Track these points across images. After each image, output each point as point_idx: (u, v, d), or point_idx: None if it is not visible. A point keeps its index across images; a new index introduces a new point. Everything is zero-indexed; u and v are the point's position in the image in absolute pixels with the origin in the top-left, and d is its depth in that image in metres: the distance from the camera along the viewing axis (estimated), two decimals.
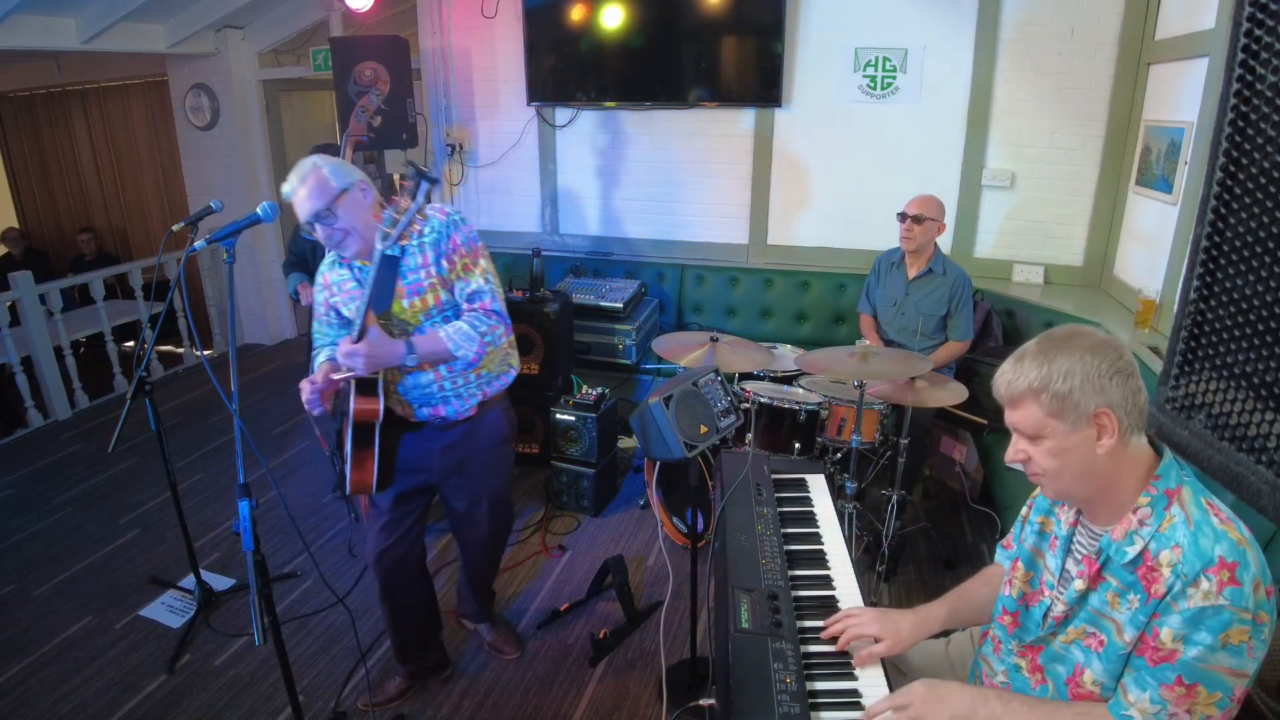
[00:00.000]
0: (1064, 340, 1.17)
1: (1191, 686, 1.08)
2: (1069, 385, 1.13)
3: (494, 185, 4.83)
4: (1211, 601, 1.06)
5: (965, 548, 3.13)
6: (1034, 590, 1.36)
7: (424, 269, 1.95)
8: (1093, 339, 1.16)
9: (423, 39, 4.66)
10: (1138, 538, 1.16)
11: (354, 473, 1.97)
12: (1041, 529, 1.39)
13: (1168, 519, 1.14)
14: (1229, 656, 1.06)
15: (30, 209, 7.64)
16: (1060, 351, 1.15)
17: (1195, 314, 0.49)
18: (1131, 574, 1.16)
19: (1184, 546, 1.10)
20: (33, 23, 4.24)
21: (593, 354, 4.02)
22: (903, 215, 3.24)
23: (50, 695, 2.44)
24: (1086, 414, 1.14)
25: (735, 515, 1.83)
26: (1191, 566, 1.08)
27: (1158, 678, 1.11)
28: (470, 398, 2.11)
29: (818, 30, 3.99)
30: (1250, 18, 0.41)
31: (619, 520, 3.40)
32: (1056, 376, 1.14)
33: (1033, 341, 1.21)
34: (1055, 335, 1.20)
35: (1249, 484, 0.45)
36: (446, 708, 2.36)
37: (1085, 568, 1.24)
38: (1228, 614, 1.05)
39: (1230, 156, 0.44)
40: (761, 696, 1.29)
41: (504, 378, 2.21)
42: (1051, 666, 1.29)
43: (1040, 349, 1.18)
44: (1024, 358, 1.19)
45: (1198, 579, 1.07)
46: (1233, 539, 1.09)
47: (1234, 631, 1.06)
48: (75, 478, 3.88)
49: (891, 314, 3.41)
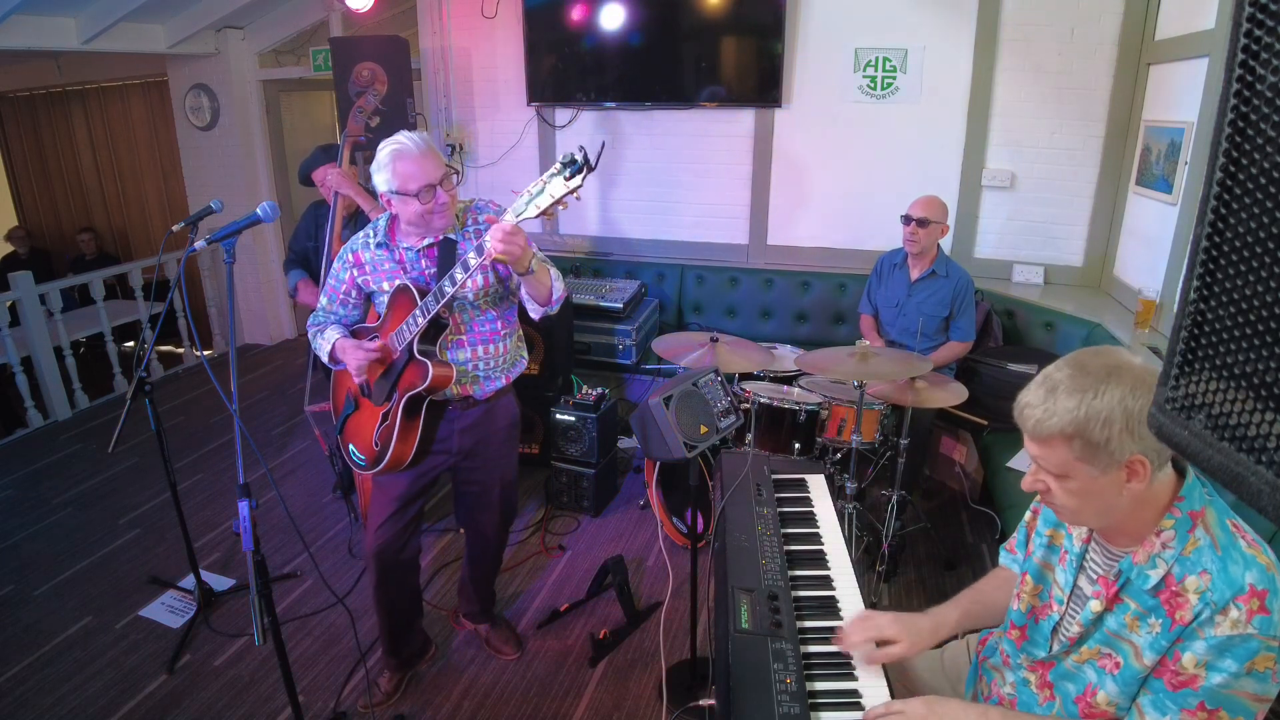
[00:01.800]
0: (1104, 376, 1.05)
1: (1214, 712, 1.05)
2: (1107, 435, 1.03)
3: (494, 185, 4.83)
4: (1240, 630, 1.02)
5: (965, 548, 3.13)
6: (1043, 604, 1.32)
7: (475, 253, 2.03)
8: (1135, 375, 1.05)
9: (423, 39, 4.66)
10: (1160, 561, 1.11)
11: (397, 445, 2.05)
12: (1050, 542, 1.35)
13: (1192, 542, 1.09)
14: (1254, 683, 1.03)
15: (30, 209, 7.64)
16: (1098, 391, 1.04)
17: (1195, 314, 0.49)
18: (1154, 598, 1.11)
19: (1212, 574, 1.05)
20: (33, 23, 4.24)
21: (593, 354, 4.02)
22: (907, 218, 3.24)
23: (50, 695, 2.44)
24: (1120, 461, 1.05)
25: (735, 515, 1.83)
26: (1221, 595, 1.04)
27: (1179, 703, 1.07)
28: (496, 380, 2.19)
29: (818, 30, 3.99)
30: (1250, 18, 0.41)
31: (619, 520, 3.40)
32: (1095, 424, 1.03)
33: (1065, 369, 1.10)
34: (1092, 368, 1.07)
35: (1249, 484, 0.45)
36: (447, 708, 2.36)
37: (1102, 589, 1.18)
38: (1256, 643, 1.02)
39: (1230, 156, 0.44)
40: (761, 697, 1.29)
41: (520, 364, 2.30)
42: (1061, 684, 1.26)
43: (1076, 385, 1.06)
44: (1056, 391, 1.07)
45: (1227, 607, 1.03)
46: (1262, 564, 1.05)
47: (1260, 659, 1.02)
48: (75, 478, 3.88)
49: (893, 315, 3.41)
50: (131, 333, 5.34)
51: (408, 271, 2.06)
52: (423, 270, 2.06)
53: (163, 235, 6.65)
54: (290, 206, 5.62)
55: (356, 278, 2.11)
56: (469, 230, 2.06)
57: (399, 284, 2.02)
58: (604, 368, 4.04)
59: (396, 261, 2.07)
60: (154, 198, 6.91)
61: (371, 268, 2.08)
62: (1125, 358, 1.09)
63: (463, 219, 2.08)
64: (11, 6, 3.76)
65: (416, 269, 2.06)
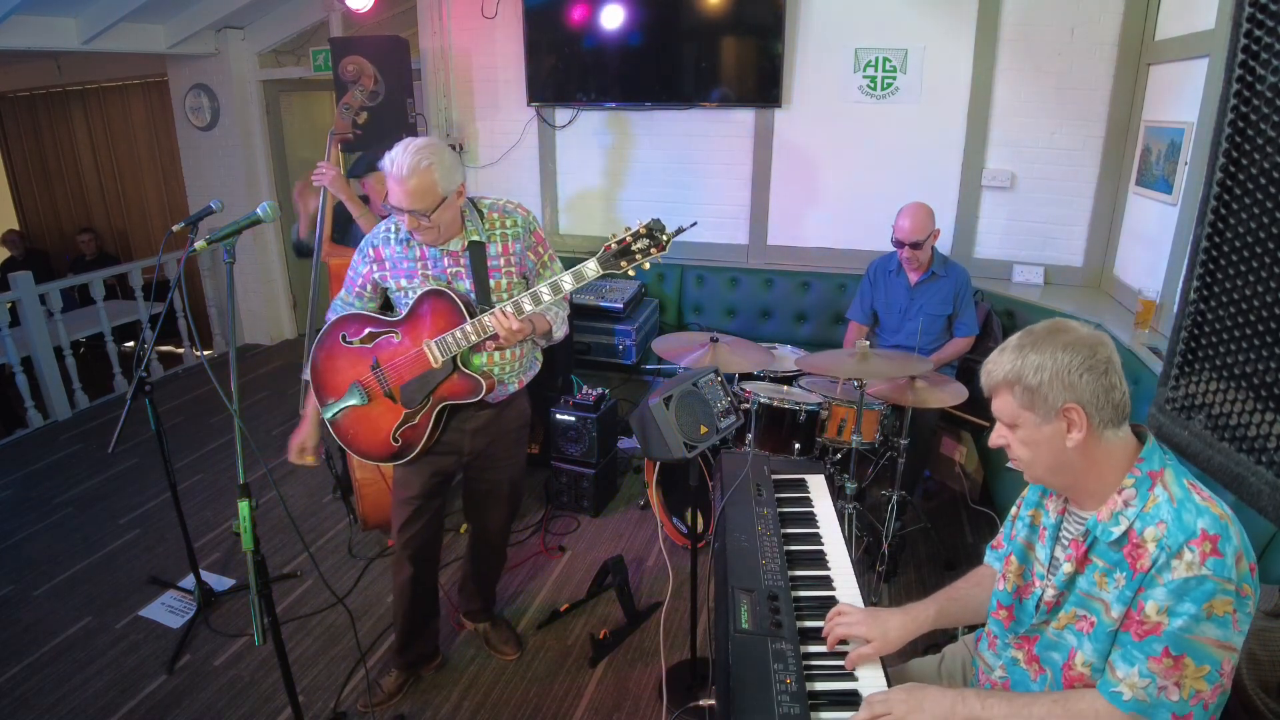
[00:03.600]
0: (1042, 336, 1.21)
1: (1179, 658, 1.09)
2: (1039, 380, 1.18)
3: (494, 185, 4.83)
4: (1195, 572, 1.08)
5: (965, 548, 3.13)
6: (1026, 583, 1.38)
7: (504, 257, 2.08)
8: (1070, 336, 1.20)
9: (423, 39, 4.66)
10: (1123, 518, 1.19)
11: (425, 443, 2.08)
12: (1032, 522, 1.41)
13: (1151, 499, 1.17)
14: (1214, 628, 1.08)
15: (30, 209, 7.64)
16: (1036, 347, 1.20)
17: (1195, 314, 0.49)
18: (1117, 552, 1.19)
19: (1168, 522, 1.13)
20: (33, 23, 4.24)
21: (593, 354, 4.02)
22: (899, 243, 3.22)
23: (50, 695, 2.44)
24: (1055, 408, 1.18)
25: (735, 515, 1.83)
26: (1175, 539, 1.11)
27: (1145, 651, 1.12)
28: (510, 383, 2.19)
29: (818, 30, 3.99)
30: (1250, 18, 0.41)
31: (619, 520, 3.40)
32: (1029, 371, 1.19)
33: (1017, 334, 1.26)
34: (1036, 330, 1.24)
35: (1249, 484, 0.45)
36: (446, 708, 2.36)
37: (1073, 550, 1.26)
38: (1211, 584, 1.07)
39: (1230, 157, 0.44)
40: (761, 697, 1.29)
41: (534, 367, 2.30)
42: (1047, 655, 1.30)
43: (1020, 342, 1.23)
44: (1005, 350, 1.25)
45: (1180, 551, 1.10)
46: (1215, 514, 1.12)
47: (1218, 602, 1.07)
48: (75, 478, 3.88)
49: (898, 320, 3.40)
50: (131, 333, 5.34)
51: (429, 268, 2.05)
52: (444, 269, 2.05)
53: (163, 235, 6.64)
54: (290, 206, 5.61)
55: (374, 273, 2.10)
56: (501, 233, 2.07)
57: (433, 289, 2.00)
58: (604, 368, 4.04)
59: (417, 259, 2.05)
60: (154, 198, 6.91)
61: (391, 264, 2.07)
62: (1068, 325, 1.24)
63: (490, 220, 2.08)
64: (11, 6, 3.76)
65: (439, 267, 2.05)
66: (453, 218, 1.99)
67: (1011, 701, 1.24)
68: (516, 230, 2.09)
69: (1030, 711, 1.20)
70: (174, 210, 6.68)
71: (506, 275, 2.09)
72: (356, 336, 2.09)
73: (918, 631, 1.48)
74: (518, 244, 2.09)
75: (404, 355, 2.04)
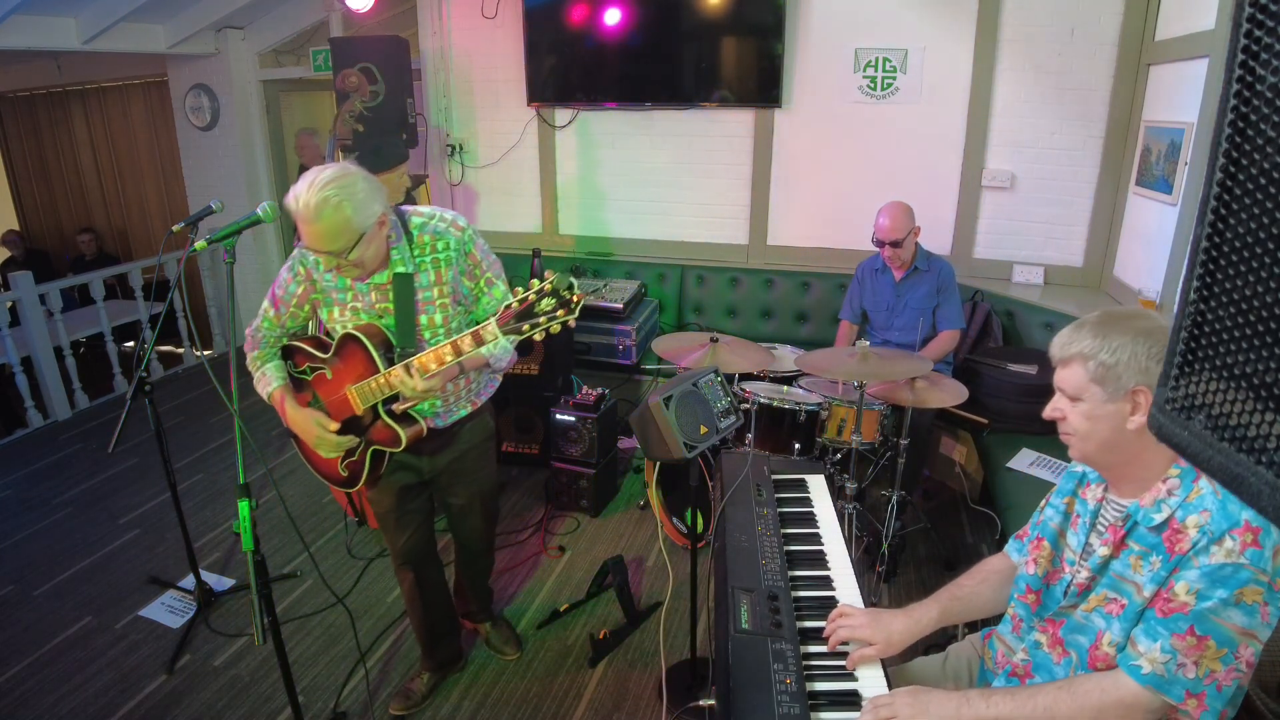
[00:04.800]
0: (1123, 318, 1.24)
1: (1203, 639, 1.10)
2: (1116, 359, 1.20)
3: (494, 185, 4.83)
4: (1233, 559, 1.09)
5: (965, 548, 3.13)
6: (1056, 569, 1.39)
7: (436, 287, 1.91)
8: (1150, 323, 1.23)
9: (423, 39, 4.67)
10: (1165, 506, 1.20)
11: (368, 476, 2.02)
12: (1066, 510, 1.43)
13: (1195, 490, 1.18)
14: (1241, 614, 1.09)
15: (30, 209, 7.64)
16: (1116, 328, 1.22)
17: (1195, 314, 0.49)
18: (1156, 537, 1.20)
19: (1212, 511, 1.14)
20: (33, 23, 4.24)
21: (593, 354, 4.02)
22: (879, 243, 3.26)
23: (50, 695, 2.44)
24: (1125, 388, 1.20)
25: (735, 515, 1.83)
26: (1219, 526, 1.12)
27: (1169, 628, 1.13)
28: (457, 410, 2.09)
29: (818, 31, 3.99)
30: (1250, 18, 0.41)
31: (619, 520, 3.40)
32: (1108, 348, 1.21)
33: (1095, 314, 1.29)
34: (1116, 313, 1.27)
35: (1249, 485, 0.45)
36: (447, 708, 2.36)
37: (1110, 535, 1.27)
38: (1246, 573, 1.09)
39: (1230, 157, 0.44)
40: (761, 697, 1.29)
41: (489, 388, 2.19)
42: (1073, 638, 1.31)
43: (1100, 321, 1.25)
44: (1084, 326, 1.26)
45: (1223, 538, 1.11)
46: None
47: (1249, 591, 1.09)
48: (75, 478, 3.88)
49: (886, 318, 3.41)
50: (131, 333, 5.34)
51: (359, 300, 1.91)
52: (372, 304, 1.91)
53: (163, 235, 6.64)
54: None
55: (311, 294, 1.96)
56: (432, 258, 1.90)
57: (349, 333, 1.86)
58: (604, 368, 4.04)
59: (348, 288, 1.91)
60: (154, 198, 6.90)
61: (323, 291, 1.94)
62: (1148, 312, 1.28)
63: (420, 244, 1.90)
64: (11, 6, 3.76)
65: (366, 301, 1.91)
66: (376, 251, 1.81)
67: (1015, 695, 1.24)
68: (449, 254, 1.90)
69: (1035, 701, 1.22)
70: (174, 210, 6.68)
71: (441, 309, 1.92)
72: (299, 368, 2.01)
73: (921, 634, 1.48)
74: (450, 270, 1.91)
75: (335, 395, 1.94)
